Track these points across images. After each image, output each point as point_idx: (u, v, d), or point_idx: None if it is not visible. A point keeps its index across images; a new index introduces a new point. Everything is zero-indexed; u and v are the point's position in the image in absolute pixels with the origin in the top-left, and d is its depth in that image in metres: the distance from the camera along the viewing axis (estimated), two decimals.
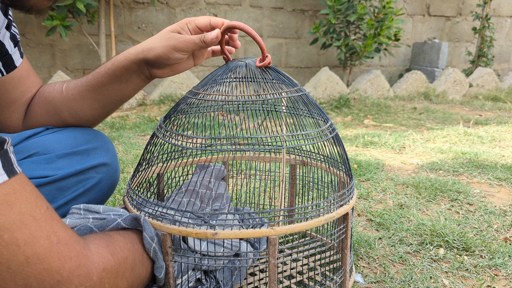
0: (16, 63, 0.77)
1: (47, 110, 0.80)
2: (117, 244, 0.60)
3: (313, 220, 0.69)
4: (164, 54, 0.72)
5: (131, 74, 0.76)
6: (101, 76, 0.76)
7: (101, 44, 2.80)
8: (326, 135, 0.75)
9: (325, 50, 3.70)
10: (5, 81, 0.76)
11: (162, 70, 0.76)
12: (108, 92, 0.77)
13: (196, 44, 0.72)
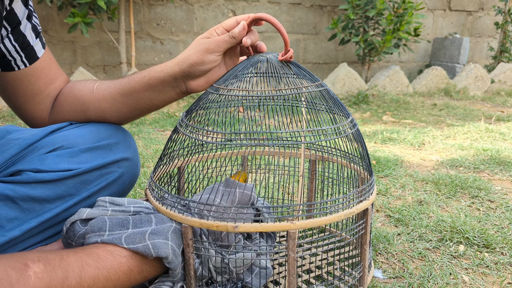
0: (38, 54, 0.78)
1: (74, 106, 0.81)
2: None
3: (332, 215, 0.69)
4: (198, 59, 0.74)
5: (165, 86, 0.78)
6: (135, 83, 0.78)
7: (121, 40, 2.83)
8: (346, 130, 0.76)
9: (344, 46, 3.68)
10: (28, 73, 0.78)
11: (197, 82, 0.77)
12: (139, 99, 0.79)
13: (226, 41, 0.74)
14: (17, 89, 0.79)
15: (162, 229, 0.66)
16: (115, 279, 0.60)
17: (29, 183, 0.70)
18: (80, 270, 0.57)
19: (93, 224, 0.66)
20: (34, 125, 0.84)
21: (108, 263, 0.60)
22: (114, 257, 0.61)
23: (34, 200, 0.70)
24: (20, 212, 0.69)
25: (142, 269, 0.64)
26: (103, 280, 0.59)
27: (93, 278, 0.58)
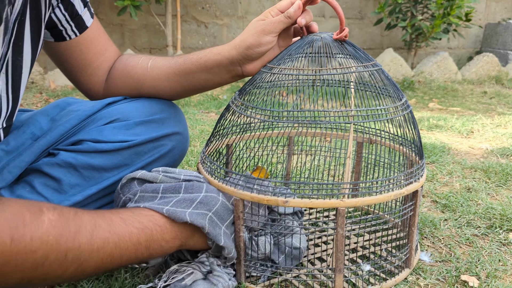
0: (87, 24, 0.81)
1: (128, 83, 0.84)
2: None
3: (382, 195, 0.69)
4: (255, 40, 0.75)
5: (221, 69, 0.79)
6: (191, 64, 0.80)
7: (167, 23, 2.89)
8: (398, 112, 0.75)
9: (390, 31, 3.59)
10: (79, 42, 0.81)
11: (253, 65, 0.78)
12: (194, 79, 0.81)
13: (282, 21, 0.75)
14: (70, 60, 0.82)
15: (210, 201, 0.68)
16: (124, 248, 0.59)
17: (89, 152, 0.74)
18: (92, 229, 0.56)
19: (147, 186, 0.69)
20: (90, 97, 0.88)
21: (120, 229, 0.59)
22: (127, 226, 0.60)
23: (93, 168, 0.74)
24: (82, 179, 0.73)
25: (150, 245, 0.62)
26: (112, 245, 0.57)
27: (103, 240, 0.56)
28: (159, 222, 0.63)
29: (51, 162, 0.72)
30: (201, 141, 1.59)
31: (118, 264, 0.59)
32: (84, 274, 0.56)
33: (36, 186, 0.71)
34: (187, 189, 0.68)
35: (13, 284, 0.51)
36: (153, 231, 0.62)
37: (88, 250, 0.54)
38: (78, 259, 0.54)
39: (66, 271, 0.53)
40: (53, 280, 0.54)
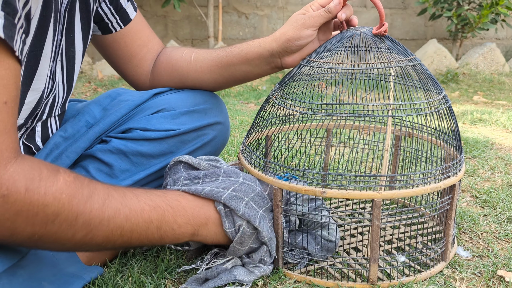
0: (130, 16, 0.85)
1: (172, 76, 0.89)
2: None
3: (419, 188, 0.70)
4: (295, 34, 0.77)
5: (261, 61, 0.82)
6: (233, 56, 0.83)
7: (209, 15, 2.93)
8: (437, 106, 0.75)
9: (434, 21, 3.49)
10: (124, 34, 0.86)
11: (292, 57, 0.81)
12: (235, 71, 0.84)
13: (322, 16, 0.77)
14: (116, 52, 0.87)
15: (247, 188, 0.71)
16: (135, 223, 0.58)
17: (138, 140, 0.79)
18: (105, 198, 0.56)
19: (189, 174, 0.73)
20: (137, 87, 0.93)
21: (132, 203, 0.59)
22: (139, 202, 0.60)
23: (142, 155, 0.79)
24: (131, 165, 0.79)
25: (161, 226, 0.62)
26: (123, 217, 0.57)
27: (115, 211, 0.56)
28: (173, 204, 0.64)
29: (104, 149, 0.78)
30: (241, 131, 1.63)
31: (128, 239, 0.59)
32: (93, 243, 0.56)
33: (90, 170, 0.77)
34: (225, 173, 0.72)
35: (24, 240, 0.51)
36: (165, 211, 0.62)
37: (98, 217, 0.54)
38: (88, 225, 0.54)
39: (75, 234, 0.53)
40: (63, 243, 0.54)
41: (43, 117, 0.74)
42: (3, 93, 0.48)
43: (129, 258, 0.78)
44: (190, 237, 0.66)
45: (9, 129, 0.49)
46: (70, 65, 0.76)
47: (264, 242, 0.70)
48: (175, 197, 0.66)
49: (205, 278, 0.70)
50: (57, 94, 0.74)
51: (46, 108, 0.73)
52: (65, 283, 0.62)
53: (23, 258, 0.58)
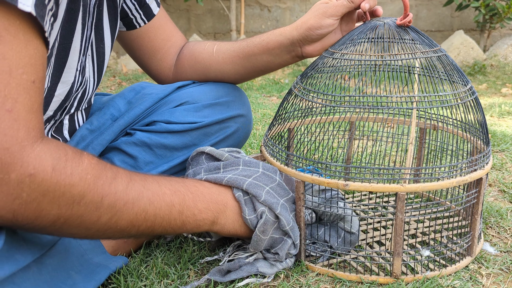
0: (154, 12, 0.86)
1: (195, 68, 0.89)
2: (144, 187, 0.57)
3: (444, 181, 0.69)
4: (316, 22, 0.77)
5: (282, 50, 0.82)
6: (254, 46, 0.83)
7: (231, 8, 2.93)
8: (463, 98, 0.74)
9: (461, 11, 3.40)
10: (148, 30, 0.87)
11: (313, 47, 0.80)
12: (256, 62, 0.84)
13: (344, 5, 0.76)
14: (140, 46, 0.88)
15: (267, 179, 0.71)
16: (158, 206, 0.58)
17: (162, 132, 0.80)
18: (128, 180, 0.55)
19: (210, 165, 0.74)
20: (160, 82, 0.94)
21: (154, 187, 0.58)
22: (159, 186, 0.59)
23: (165, 147, 0.80)
24: (155, 157, 0.80)
25: (183, 210, 0.61)
26: (146, 200, 0.56)
27: (138, 193, 0.55)
28: (192, 189, 0.63)
29: (128, 141, 0.79)
30: (263, 125, 1.63)
31: (151, 224, 0.58)
32: (118, 228, 0.55)
33: (115, 162, 0.78)
34: (245, 163, 0.72)
35: (48, 224, 0.50)
36: (186, 196, 0.62)
37: (123, 199, 0.54)
38: (113, 207, 0.53)
39: (100, 218, 0.52)
40: (88, 227, 0.53)
41: (71, 111, 0.75)
42: (31, 72, 0.47)
43: (153, 249, 0.79)
44: (210, 225, 0.65)
45: (36, 108, 0.48)
46: (100, 61, 0.77)
47: (286, 231, 0.69)
48: (193, 183, 0.65)
49: (228, 270, 0.70)
50: (86, 88, 0.75)
51: (75, 102, 0.75)
52: (91, 272, 0.64)
53: (52, 248, 0.59)
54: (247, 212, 0.68)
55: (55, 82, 0.66)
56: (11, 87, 0.45)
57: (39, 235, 0.57)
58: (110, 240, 0.72)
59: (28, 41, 0.47)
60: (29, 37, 0.47)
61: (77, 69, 0.69)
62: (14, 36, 0.45)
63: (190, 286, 0.68)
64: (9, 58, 0.45)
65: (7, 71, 0.45)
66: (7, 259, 0.50)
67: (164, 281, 0.70)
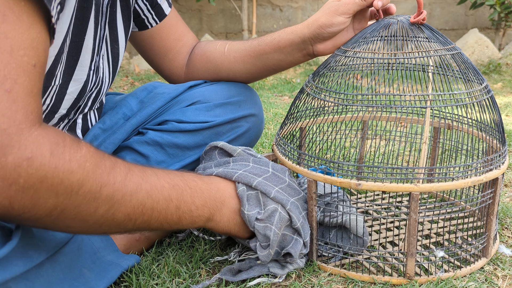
0: (165, 12, 0.87)
1: (207, 68, 0.89)
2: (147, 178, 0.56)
3: (458, 181, 0.68)
4: (327, 20, 0.76)
5: (293, 48, 0.81)
6: (266, 45, 0.83)
7: (243, 8, 2.93)
8: (478, 96, 0.73)
9: (475, 10, 3.36)
10: (159, 30, 0.87)
11: (325, 45, 0.80)
12: (268, 60, 0.84)
13: (356, 3, 0.76)
14: (152, 47, 0.88)
15: (277, 179, 0.71)
16: (156, 200, 0.56)
17: (174, 131, 0.80)
18: (127, 171, 0.53)
19: (219, 161, 0.74)
20: (172, 81, 0.94)
21: (152, 180, 0.56)
22: (158, 179, 0.57)
23: (177, 147, 0.80)
24: (167, 156, 0.80)
25: (180, 205, 0.59)
26: (144, 193, 0.55)
27: (136, 185, 0.54)
28: (191, 184, 0.62)
29: (140, 140, 0.80)
30: (275, 124, 1.62)
31: (148, 218, 0.56)
32: (115, 221, 0.53)
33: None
34: (255, 161, 0.72)
35: (44, 214, 0.47)
36: (184, 191, 0.60)
37: (121, 190, 0.52)
38: (111, 198, 0.51)
39: (97, 209, 0.50)
40: (84, 219, 0.51)
41: (85, 110, 0.76)
42: (32, 55, 0.46)
43: (165, 248, 0.79)
44: (205, 221, 0.64)
45: (36, 93, 0.47)
46: (115, 62, 0.78)
47: (297, 228, 0.69)
48: (192, 177, 0.63)
49: (239, 269, 0.70)
50: (101, 88, 0.76)
51: (89, 101, 0.75)
52: (104, 270, 0.64)
53: (65, 246, 0.59)
54: (247, 207, 0.66)
55: (67, 79, 0.66)
56: (11, 68, 0.44)
57: (53, 232, 0.57)
58: (122, 239, 0.72)
59: (31, 23, 0.46)
60: (33, 20, 0.46)
61: (91, 68, 0.70)
62: (17, 17, 0.45)
63: (202, 285, 0.68)
64: (11, 37, 0.44)
65: (8, 51, 0.44)
66: (22, 256, 0.51)
67: (176, 280, 0.70)
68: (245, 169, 0.70)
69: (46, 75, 0.61)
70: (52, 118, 0.69)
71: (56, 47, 0.60)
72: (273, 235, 0.66)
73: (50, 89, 0.64)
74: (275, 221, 0.66)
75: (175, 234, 0.83)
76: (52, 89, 0.65)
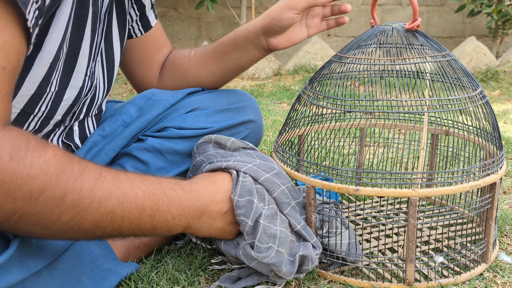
0: (152, 24, 0.88)
1: (175, 74, 0.91)
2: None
3: (456, 186, 0.68)
4: (277, 14, 0.77)
5: (249, 43, 0.82)
6: (224, 45, 0.85)
7: (242, 16, 2.95)
8: (473, 102, 0.73)
9: (472, 18, 3.38)
10: (143, 39, 0.89)
11: (278, 39, 0.81)
12: (228, 59, 0.86)
13: (306, 0, 0.75)
14: (133, 54, 0.90)
15: (284, 177, 0.70)
16: (127, 208, 0.54)
17: (173, 138, 0.80)
18: (97, 178, 0.51)
19: (219, 151, 0.74)
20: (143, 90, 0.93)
21: (125, 187, 0.54)
22: (132, 186, 0.55)
23: (177, 153, 0.81)
24: (166, 162, 0.80)
25: (155, 215, 0.57)
26: (115, 201, 0.52)
27: (107, 193, 0.52)
28: (168, 193, 0.59)
29: (140, 147, 0.80)
30: (274, 131, 1.63)
31: (118, 226, 0.54)
32: (81, 229, 0.51)
33: (127, 168, 0.79)
34: (262, 157, 0.72)
35: (2, 219, 0.46)
36: (160, 200, 0.58)
37: (89, 198, 0.50)
38: (77, 206, 0.49)
39: (61, 216, 0.48)
40: (47, 226, 0.49)
41: (80, 116, 0.76)
42: (2, 57, 0.45)
43: (164, 255, 0.79)
44: (183, 229, 0.62)
45: (3, 96, 0.46)
46: (110, 67, 0.78)
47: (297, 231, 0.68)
48: (171, 186, 0.61)
49: (238, 277, 0.70)
50: (96, 94, 0.76)
51: (84, 107, 0.75)
52: (102, 278, 0.64)
53: (63, 254, 0.59)
54: (257, 198, 0.66)
55: (63, 86, 0.66)
56: None
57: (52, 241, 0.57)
58: (121, 246, 0.72)
59: (4, 26, 0.45)
60: (6, 22, 0.45)
61: (87, 74, 0.70)
62: None
63: None
64: None
65: None
66: (19, 264, 0.50)
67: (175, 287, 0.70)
68: (255, 163, 0.70)
69: (41, 82, 0.61)
70: (48, 125, 0.69)
71: (51, 54, 0.60)
72: (280, 232, 0.65)
73: (46, 96, 0.64)
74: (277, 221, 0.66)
75: (174, 241, 0.83)
76: (47, 96, 0.65)
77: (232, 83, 2.71)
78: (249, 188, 0.66)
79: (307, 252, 0.67)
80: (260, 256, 0.64)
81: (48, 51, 0.59)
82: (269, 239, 0.64)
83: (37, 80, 0.61)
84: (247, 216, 0.65)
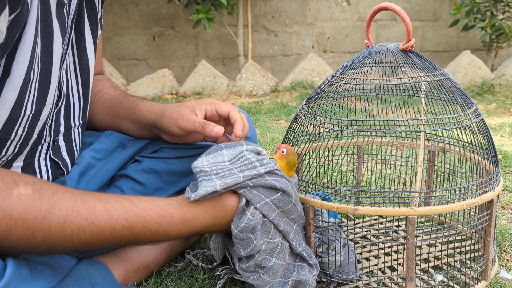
0: (99, 31, 0.83)
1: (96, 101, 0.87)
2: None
3: (454, 204, 0.69)
4: (166, 126, 0.74)
5: (142, 126, 0.80)
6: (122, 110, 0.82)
7: (239, 34, 2.98)
8: (469, 120, 0.74)
9: (467, 32, 3.42)
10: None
11: (169, 138, 0.80)
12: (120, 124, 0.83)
13: (195, 127, 0.71)
14: None
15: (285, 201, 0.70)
16: (103, 239, 0.56)
17: (169, 158, 0.81)
18: (68, 213, 0.52)
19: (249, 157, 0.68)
20: None
21: (101, 222, 0.55)
22: (110, 219, 0.55)
23: (173, 173, 0.81)
24: (164, 183, 0.81)
25: (135, 241, 0.59)
26: (89, 234, 0.54)
27: (79, 228, 0.53)
28: (152, 227, 0.59)
29: (137, 168, 0.80)
30: (272, 148, 1.63)
31: (98, 248, 0.57)
32: (61, 252, 0.55)
33: (125, 190, 0.79)
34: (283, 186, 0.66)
35: None
36: (141, 233, 0.58)
37: (59, 233, 0.52)
38: (49, 241, 0.51)
39: (37, 247, 0.51)
40: (29, 252, 0.53)
41: (60, 130, 0.73)
42: None
43: (164, 278, 0.79)
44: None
45: None
46: (84, 74, 0.76)
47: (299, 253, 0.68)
48: (156, 219, 0.59)
49: None
50: (71, 103, 0.74)
51: (60, 119, 0.72)
52: None
53: (64, 278, 0.59)
54: (259, 235, 0.64)
55: (40, 107, 0.64)
56: None
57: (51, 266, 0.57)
58: (121, 270, 0.72)
59: None
60: None
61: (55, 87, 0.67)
62: None
63: None
64: None
65: None
66: None
67: None
68: (272, 198, 0.64)
69: (13, 107, 0.59)
70: (27, 146, 0.66)
71: (20, 78, 0.58)
72: (273, 264, 0.65)
73: (21, 119, 0.62)
74: (275, 252, 0.66)
75: (174, 263, 0.83)
76: (23, 120, 0.62)
77: (229, 100, 2.73)
78: (253, 226, 0.63)
79: (302, 276, 0.67)
80: (243, 274, 0.66)
81: (16, 75, 0.57)
82: (257, 267, 0.65)
83: (9, 106, 0.58)
84: (243, 247, 0.64)
